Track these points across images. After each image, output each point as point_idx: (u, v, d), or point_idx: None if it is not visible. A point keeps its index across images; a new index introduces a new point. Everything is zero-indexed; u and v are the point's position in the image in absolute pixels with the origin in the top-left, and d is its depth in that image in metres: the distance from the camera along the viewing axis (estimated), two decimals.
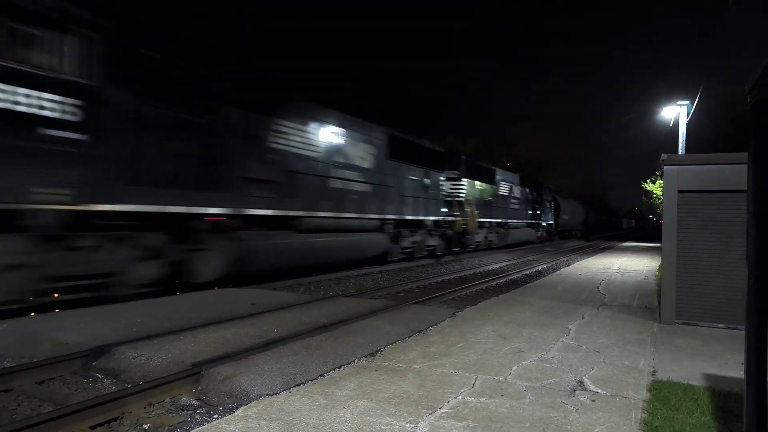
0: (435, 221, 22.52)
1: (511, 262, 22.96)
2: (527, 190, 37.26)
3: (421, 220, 21.25)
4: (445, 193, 23.52)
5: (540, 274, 17.37)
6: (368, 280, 15.38)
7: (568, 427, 3.92)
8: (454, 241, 24.71)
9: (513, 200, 33.78)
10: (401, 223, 19.78)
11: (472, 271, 18.46)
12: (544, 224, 41.77)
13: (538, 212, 39.89)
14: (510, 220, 33.03)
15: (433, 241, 22.89)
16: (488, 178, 28.96)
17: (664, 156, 8.48)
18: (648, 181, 40.28)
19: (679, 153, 20.56)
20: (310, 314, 8.61)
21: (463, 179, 25.03)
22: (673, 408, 4.38)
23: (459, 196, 24.66)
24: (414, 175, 20.35)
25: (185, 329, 7.15)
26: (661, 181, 28.70)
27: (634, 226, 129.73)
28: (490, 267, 20.51)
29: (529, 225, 37.46)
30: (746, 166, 2.54)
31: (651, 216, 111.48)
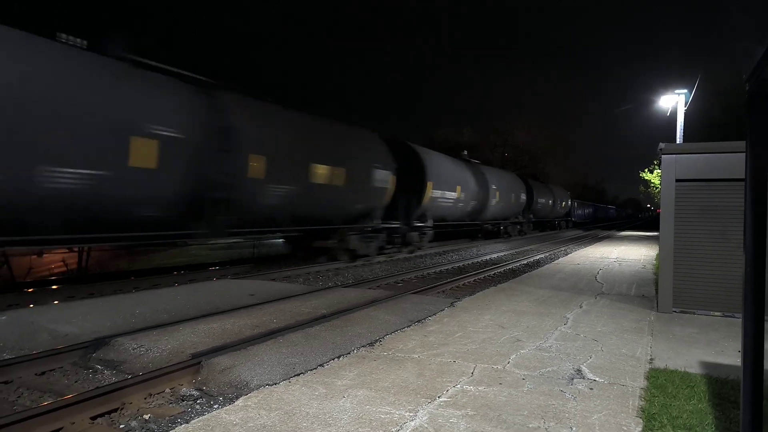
0: None
1: (509, 252, 23.01)
2: None
3: None
4: None
5: (538, 264, 17.41)
6: (367, 270, 15.40)
7: (567, 414, 3.95)
8: None
9: None
10: None
11: (470, 261, 18.51)
12: None
13: None
14: None
15: None
16: None
17: (662, 145, 8.47)
18: (646, 170, 40.29)
19: (677, 142, 20.56)
20: (309, 305, 8.63)
21: None
22: (671, 395, 4.41)
23: None
24: None
25: (184, 320, 7.17)
26: (658, 171, 28.70)
27: (613, 215, 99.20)
28: (488, 257, 20.55)
29: None
30: (743, 154, 2.54)
31: (648, 205, 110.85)
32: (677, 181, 8.27)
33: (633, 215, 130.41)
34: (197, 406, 4.66)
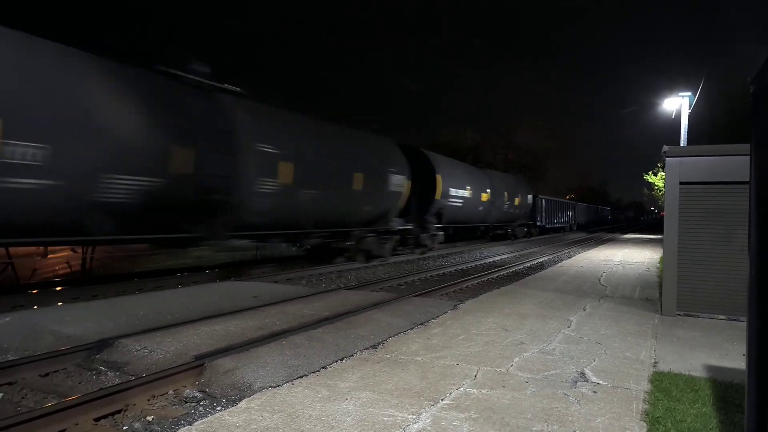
0: None
1: (512, 255, 22.97)
2: None
3: None
4: None
5: (541, 267, 17.37)
6: (369, 272, 15.40)
7: (570, 418, 3.93)
8: None
9: None
10: None
11: (473, 264, 18.49)
12: None
13: None
14: None
15: None
16: None
17: (665, 148, 8.45)
18: (650, 173, 40.15)
19: (681, 145, 20.50)
20: (312, 307, 8.63)
21: None
22: (675, 399, 4.40)
23: None
24: None
25: (187, 322, 7.17)
26: (662, 173, 28.63)
27: (607, 218, 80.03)
28: (491, 259, 20.52)
29: None
30: (748, 157, 2.53)
31: (652, 207, 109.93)
32: (681, 183, 8.24)
33: (634, 218, 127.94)
34: (200, 408, 4.67)
